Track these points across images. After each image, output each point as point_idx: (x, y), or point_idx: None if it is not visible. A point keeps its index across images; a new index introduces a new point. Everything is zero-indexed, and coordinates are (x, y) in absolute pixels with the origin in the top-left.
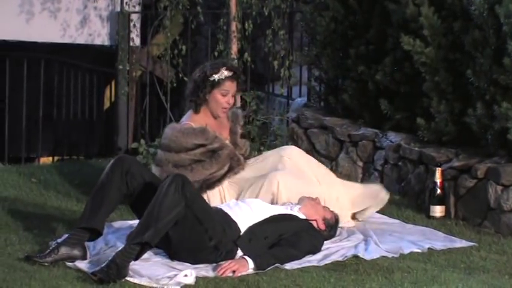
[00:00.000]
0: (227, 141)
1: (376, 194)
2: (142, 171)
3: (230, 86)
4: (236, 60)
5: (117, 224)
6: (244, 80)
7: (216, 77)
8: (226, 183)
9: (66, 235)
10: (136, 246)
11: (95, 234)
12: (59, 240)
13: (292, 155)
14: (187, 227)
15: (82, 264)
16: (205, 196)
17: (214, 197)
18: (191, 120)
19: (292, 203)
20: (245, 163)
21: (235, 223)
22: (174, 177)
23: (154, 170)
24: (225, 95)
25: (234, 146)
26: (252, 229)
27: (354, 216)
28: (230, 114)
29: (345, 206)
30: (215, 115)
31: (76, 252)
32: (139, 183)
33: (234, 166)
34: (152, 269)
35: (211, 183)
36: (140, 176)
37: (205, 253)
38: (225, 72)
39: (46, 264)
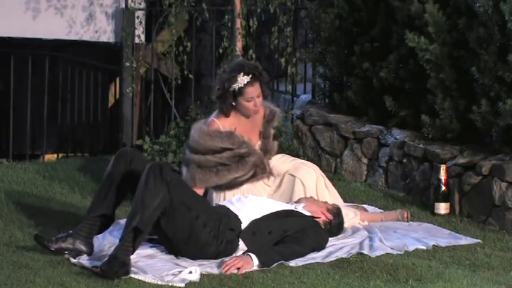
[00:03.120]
0: (256, 146)
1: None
2: (145, 160)
3: (252, 91)
4: (241, 57)
5: (124, 221)
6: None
7: (235, 86)
8: (245, 186)
9: (77, 226)
10: (129, 236)
11: (106, 221)
12: (70, 231)
13: (307, 181)
14: (177, 215)
15: (86, 261)
16: (222, 194)
17: (229, 197)
18: (219, 118)
19: (294, 203)
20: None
21: (235, 215)
22: (152, 164)
23: (184, 170)
24: (250, 101)
25: (264, 153)
26: (256, 222)
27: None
28: (268, 112)
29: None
30: (247, 116)
31: (82, 246)
32: (142, 171)
33: (258, 173)
34: (157, 266)
35: (233, 185)
36: (143, 165)
37: (203, 242)
38: (243, 79)
39: (52, 249)
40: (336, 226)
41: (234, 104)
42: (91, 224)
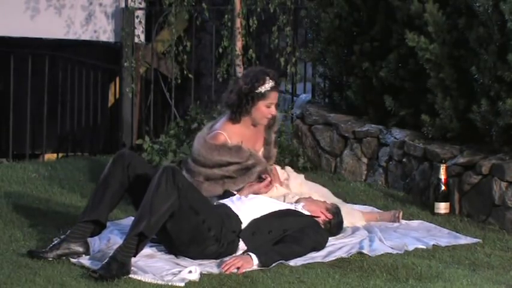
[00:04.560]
0: (260, 154)
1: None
2: (143, 164)
3: (275, 97)
4: (240, 57)
5: (123, 221)
6: None
7: (262, 89)
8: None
9: (69, 231)
10: (133, 239)
11: (98, 227)
12: (62, 236)
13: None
14: (184, 219)
15: (86, 261)
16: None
17: None
18: (226, 129)
19: (294, 203)
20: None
21: (236, 215)
22: (164, 168)
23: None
24: (270, 107)
25: (267, 159)
26: (256, 222)
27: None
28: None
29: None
30: (257, 124)
31: (78, 247)
32: (140, 176)
33: (261, 181)
34: (157, 266)
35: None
36: (141, 169)
37: (206, 244)
38: (270, 83)
39: (50, 259)
40: (335, 225)
41: (251, 108)
42: (83, 227)
